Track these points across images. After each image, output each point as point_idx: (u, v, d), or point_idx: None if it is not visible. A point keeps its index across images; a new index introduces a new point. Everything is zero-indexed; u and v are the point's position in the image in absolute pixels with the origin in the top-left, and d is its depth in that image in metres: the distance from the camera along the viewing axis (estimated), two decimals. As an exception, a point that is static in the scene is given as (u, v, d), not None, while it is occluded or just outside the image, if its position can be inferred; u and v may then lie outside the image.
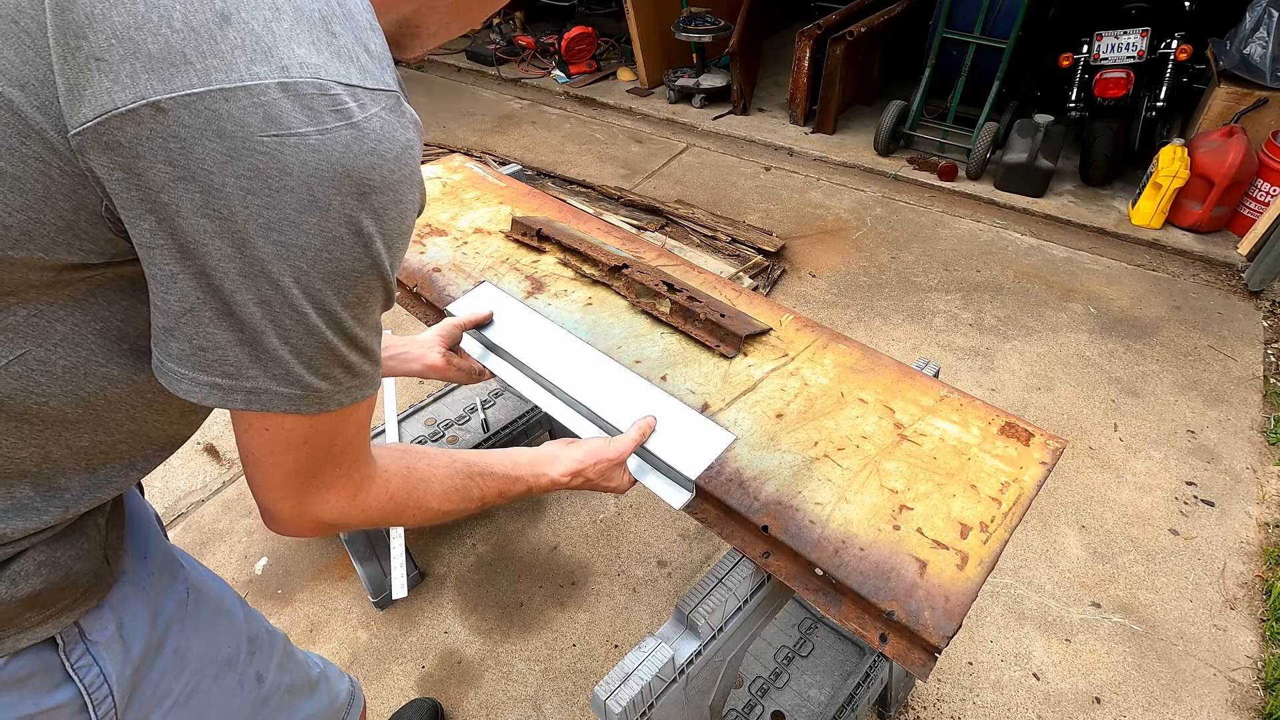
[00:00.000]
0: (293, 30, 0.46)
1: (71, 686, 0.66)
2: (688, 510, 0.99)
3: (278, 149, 0.45)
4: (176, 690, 0.76)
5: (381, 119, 0.49)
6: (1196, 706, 1.67)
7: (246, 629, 0.87)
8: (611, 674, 0.84)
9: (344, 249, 0.50)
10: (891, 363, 1.14)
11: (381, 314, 0.60)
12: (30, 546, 0.60)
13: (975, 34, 3.66)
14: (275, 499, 0.63)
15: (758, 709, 1.50)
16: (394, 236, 0.54)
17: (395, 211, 0.53)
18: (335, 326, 0.54)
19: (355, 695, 1.05)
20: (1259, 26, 3.15)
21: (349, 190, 0.48)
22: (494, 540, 2.07)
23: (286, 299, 0.50)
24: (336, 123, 0.47)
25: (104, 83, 0.43)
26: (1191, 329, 2.80)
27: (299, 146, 0.46)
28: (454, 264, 1.39)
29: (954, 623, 0.80)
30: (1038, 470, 0.97)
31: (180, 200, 0.45)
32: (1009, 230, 3.42)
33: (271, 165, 0.45)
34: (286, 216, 0.47)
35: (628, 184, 3.85)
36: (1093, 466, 2.25)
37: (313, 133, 0.46)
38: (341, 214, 0.49)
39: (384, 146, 0.49)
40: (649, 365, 1.15)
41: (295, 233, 0.48)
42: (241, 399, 0.54)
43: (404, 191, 0.53)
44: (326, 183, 0.47)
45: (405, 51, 0.67)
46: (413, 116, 0.54)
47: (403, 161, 0.51)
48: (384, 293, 0.57)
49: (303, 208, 0.47)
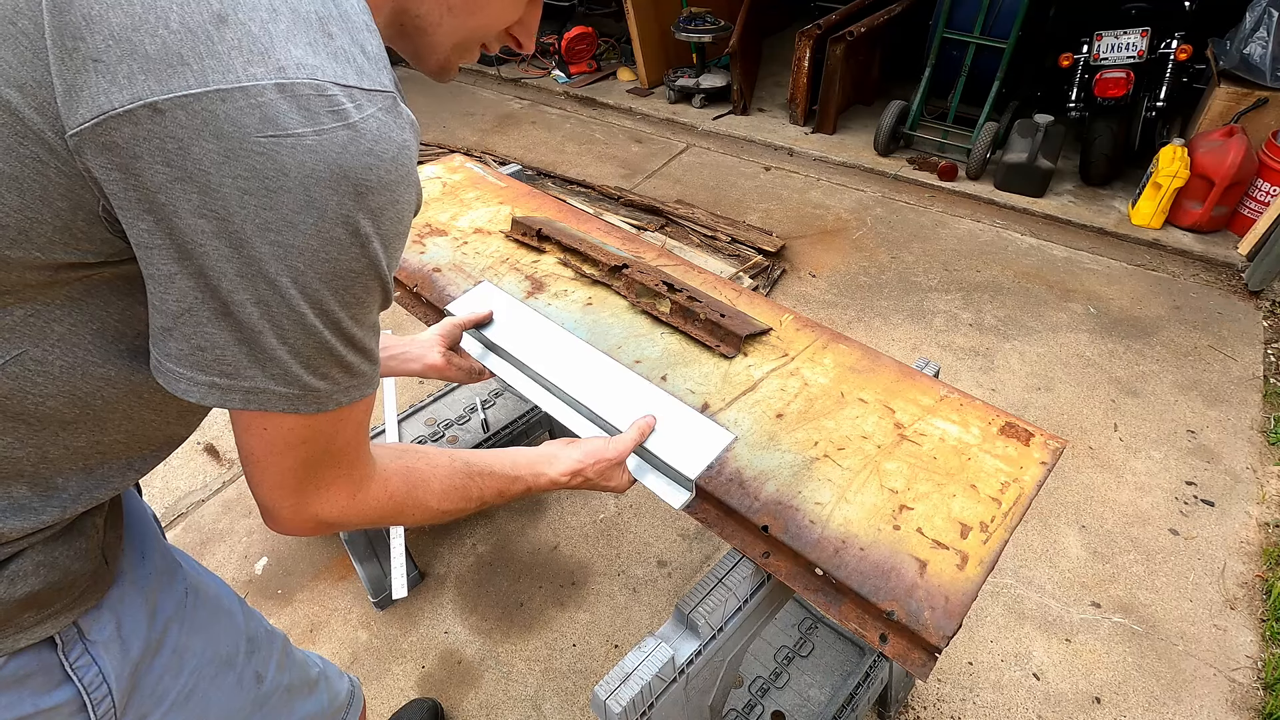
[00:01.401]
0: (290, 31, 0.46)
1: (70, 686, 0.66)
2: (688, 510, 0.99)
3: (274, 149, 0.45)
4: (175, 690, 0.76)
5: (378, 119, 0.50)
6: (1196, 706, 1.67)
7: (245, 629, 0.87)
8: (611, 674, 0.84)
9: (341, 249, 0.50)
10: (891, 363, 1.14)
11: (379, 314, 0.60)
12: (28, 546, 0.60)
13: (975, 34, 3.66)
14: (275, 498, 0.63)
15: (758, 709, 1.50)
16: (391, 237, 0.54)
17: (392, 212, 0.53)
18: (333, 326, 0.54)
19: (355, 695, 1.05)
20: (1259, 26, 3.15)
21: (346, 191, 0.49)
22: (494, 540, 2.07)
23: (284, 299, 0.50)
24: (333, 123, 0.47)
25: (101, 83, 0.43)
26: (1191, 329, 2.80)
27: (296, 147, 0.46)
28: (454, 264, 1.39)
29: (954, 623, 0.80)
30: (1038, 470, 0.97)
31: (178, 201, 0.45)
32: (1009, 230, 3.42)
33: (268, 166, 0.46)
34: (284, 217, 0.47)
35: (628, 184, 3.85)
36: (1093, 466, 2.25)
37: (309, 133, 0.46)
38: (338, 214, 0.49)
39: (380, 147, 0.50)
40: (649, 365, 1.15)
41: (292, 233, 0.48)
42: (240, 398, 0.54)
43: (400, 192, 0.53)
44: (323, 183, 0.47)
45: (425, 59, 0.67)
46: (409, 117, 0.54)
47: (399, 162, 0.51)
48: (381, 293, 0.57)
49: (299, 208, 0.47)
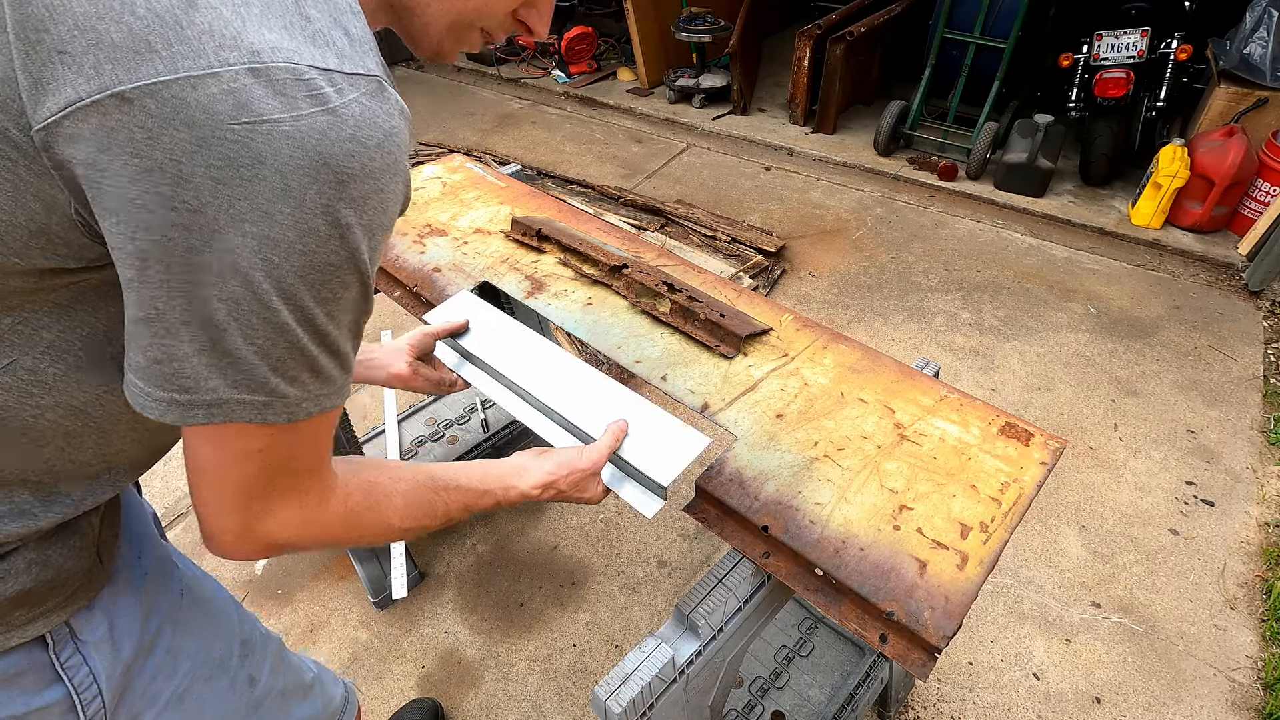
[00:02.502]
0: (264, 14, 0.44)
1: (61, 686, 0.65)
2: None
3: (249, 137, 0.43)
4: (168, 692, 0.76)
5: (361, 104, 0.47)
6: (1196, 706, 1.67)
7: (239, 631, 0.86)
8: (611, 674, 0.84)
9: (320, 241, 0.48)
10: (891, 363, 1.14)
11: (361, 319, 0.57)
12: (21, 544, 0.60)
13: (975, 34, 3.66)
14: (221, 515, 0.58)
15: (758, 709, 1.50)
16: (374, 228, 0.51)
17: (376, 201, 0.50)
18: (306, 324, 0.51)
19: (349, 700, 1.05)
20: (1259, 26, 3.15)
21: (326, 179, 0.46)
22: (494, 540, 2.07)
23: (256, 294, 0.47)
24: (312, 108, 0.45)
25: (68, 75, 0.41)
26: (1191, 329, 2.80)
27: (272, 134, 0.44)
28: (454, 264, 1.39)
29: (954, 623, 0.80)
30: (1038, 470, 0.97)
31: (147, 194, 0.43)
32: (1009, 230, 3.42)
33: (243, 154, 0.43)
34: (259, 207, 0.45)
35: (628, 184, 3.85)
36: (1093, 466, 2.25)
37: (287, 119, 0.44)
38: (318, 204, 0.46)
39: (364, 133, 0.47)
40: (649, 365, 1.15)
41: (268, 224, 0.45)
42: (203, 414, 0.50)
43: (385, 180, 0.50)
44: (302, 171, 0.45)
45: (418, 42, 0.64)
46: (398, 103, 0.51)
47: (385, 149, 0.49)
48: (360, 287, 0.53)
49: (276, 197, 0.45)
